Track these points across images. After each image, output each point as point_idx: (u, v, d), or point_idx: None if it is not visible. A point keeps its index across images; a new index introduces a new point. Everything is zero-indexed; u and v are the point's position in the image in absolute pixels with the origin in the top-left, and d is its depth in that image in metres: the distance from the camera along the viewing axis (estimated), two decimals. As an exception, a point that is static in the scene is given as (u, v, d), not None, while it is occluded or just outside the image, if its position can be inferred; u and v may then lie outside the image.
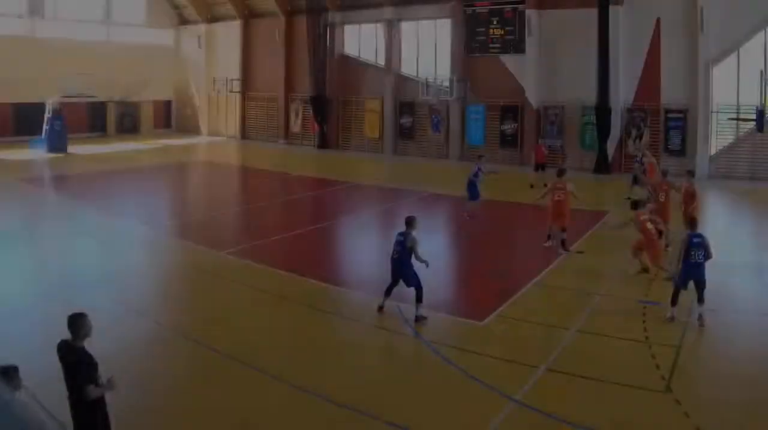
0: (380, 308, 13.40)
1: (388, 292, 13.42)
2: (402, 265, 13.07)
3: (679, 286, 12.73)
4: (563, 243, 18.37)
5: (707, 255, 12.57)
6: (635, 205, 15.92)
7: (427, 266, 13.14)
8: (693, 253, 12.50)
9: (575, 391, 10.05)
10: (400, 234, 13.22)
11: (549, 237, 18.84)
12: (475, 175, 22.82)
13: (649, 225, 15.29)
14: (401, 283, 13.29)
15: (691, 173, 19.82)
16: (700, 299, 12.50)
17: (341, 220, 23.34)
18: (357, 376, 10.82)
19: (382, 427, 8.93)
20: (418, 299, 12.96)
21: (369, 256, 18.63)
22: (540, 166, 29.50)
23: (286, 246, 19.44)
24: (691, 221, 13.34)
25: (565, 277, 16.03)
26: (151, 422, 9.02)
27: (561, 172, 19.51)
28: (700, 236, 12.71)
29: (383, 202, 25.91)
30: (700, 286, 12.53)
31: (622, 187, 26.72)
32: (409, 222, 13.22)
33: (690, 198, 18.20)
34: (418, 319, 12.94)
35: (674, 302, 12.74)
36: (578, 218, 20.06)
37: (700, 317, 12.44)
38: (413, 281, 13.03)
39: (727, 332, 12.33)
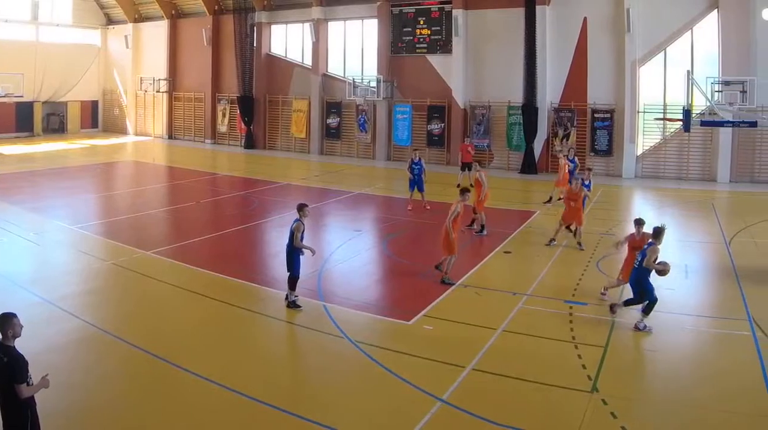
0: (286, 298, 13.20)
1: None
2: (287, 248, 13.09)
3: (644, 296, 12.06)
4: (482, 226, 19.45)
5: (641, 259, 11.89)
6: (463, 192, 15.53)
7: (313, 253, 13.30)
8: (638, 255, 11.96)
9: (501, 391, 9.60)
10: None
11: (473, 222, 19.73)
12: (410, 168, 23.16)
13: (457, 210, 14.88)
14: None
15: (639, 222, 13.97)
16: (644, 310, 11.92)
17: (266, 220, 21.97)
18: (283, 375, 10.45)
19: (308, 426, 8.56)
20: (290, 285, 13.06)
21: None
22: (466, 166, 27.74)
23: (211, 246, 18.48)
24: (656, 231, 12.20)
25: (491, 277, 15.49)
26: (78, 421, 8.70)
27: (479, 164, 21.60)
28: (651, 244, 12.00)
29: (308, 203, 25.10)
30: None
31: (549, 187, 25.25)
32: (299, 209, 13.27)
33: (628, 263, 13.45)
34: (291, 305, 13.02)
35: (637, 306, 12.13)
36: (505, 218, 20.08)
37: (636, 326, 11.87)
38: (292, 268, 12.96)
39: (654, 332, 11.61)
